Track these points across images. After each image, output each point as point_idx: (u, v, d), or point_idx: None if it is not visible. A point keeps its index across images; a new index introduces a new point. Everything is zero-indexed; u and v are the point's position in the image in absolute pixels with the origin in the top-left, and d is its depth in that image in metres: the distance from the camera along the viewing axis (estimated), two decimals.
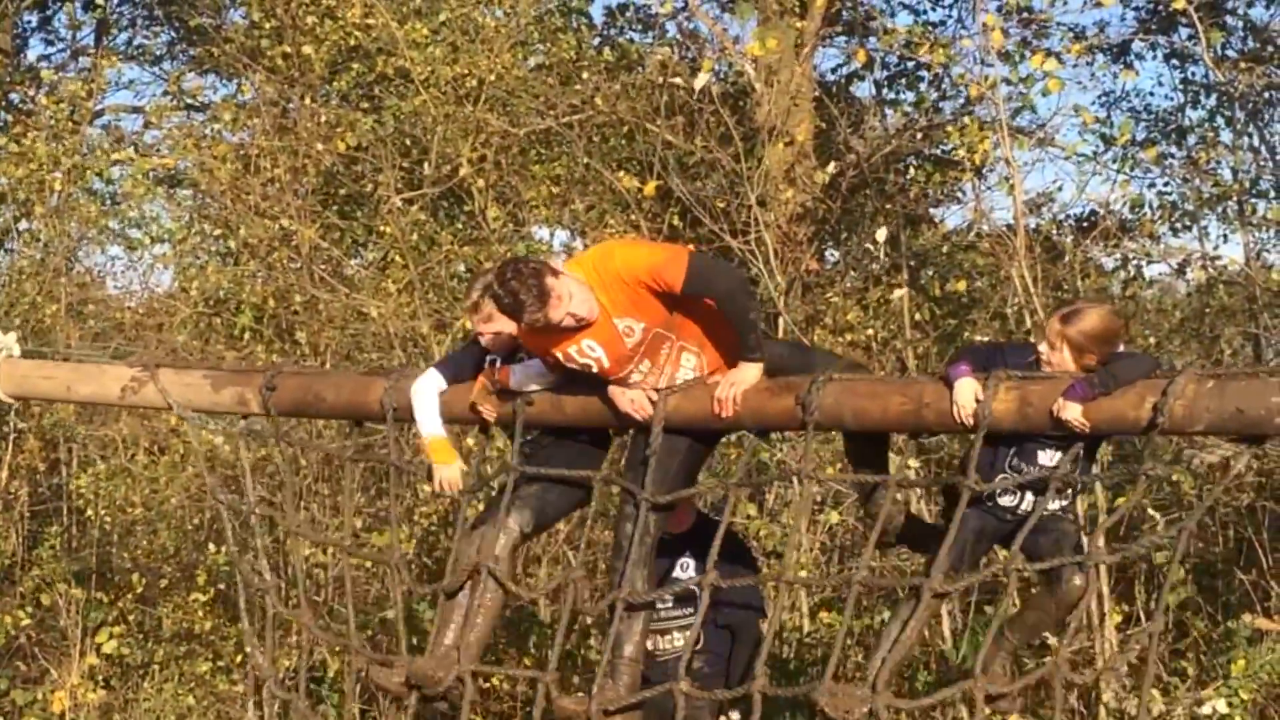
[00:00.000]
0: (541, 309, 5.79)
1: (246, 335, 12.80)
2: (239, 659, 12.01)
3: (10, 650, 12.55)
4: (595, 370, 6.10)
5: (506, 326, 6.28)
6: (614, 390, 6.13)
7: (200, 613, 12.27)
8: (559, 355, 6.11)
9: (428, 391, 6.55)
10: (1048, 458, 5.63)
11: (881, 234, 11.03)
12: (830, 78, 15.26)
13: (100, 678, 12.31)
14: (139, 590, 12.81)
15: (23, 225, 16.05)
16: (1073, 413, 5.26)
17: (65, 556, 13.36)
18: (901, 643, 5.79)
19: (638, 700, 6.25)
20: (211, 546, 12.78)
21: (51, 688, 12.00)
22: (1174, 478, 9.66)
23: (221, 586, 12.53)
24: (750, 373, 5.94)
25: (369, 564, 11.96)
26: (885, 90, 14.96)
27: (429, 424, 6.51)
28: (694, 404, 6.03)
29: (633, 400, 6.10)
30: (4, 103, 18.10)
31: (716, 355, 6.07)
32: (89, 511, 13.81)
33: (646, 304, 5.95)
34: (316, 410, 6.92)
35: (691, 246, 6.09)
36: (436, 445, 6.54)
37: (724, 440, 7.80)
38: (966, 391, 5.47)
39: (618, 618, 6.22)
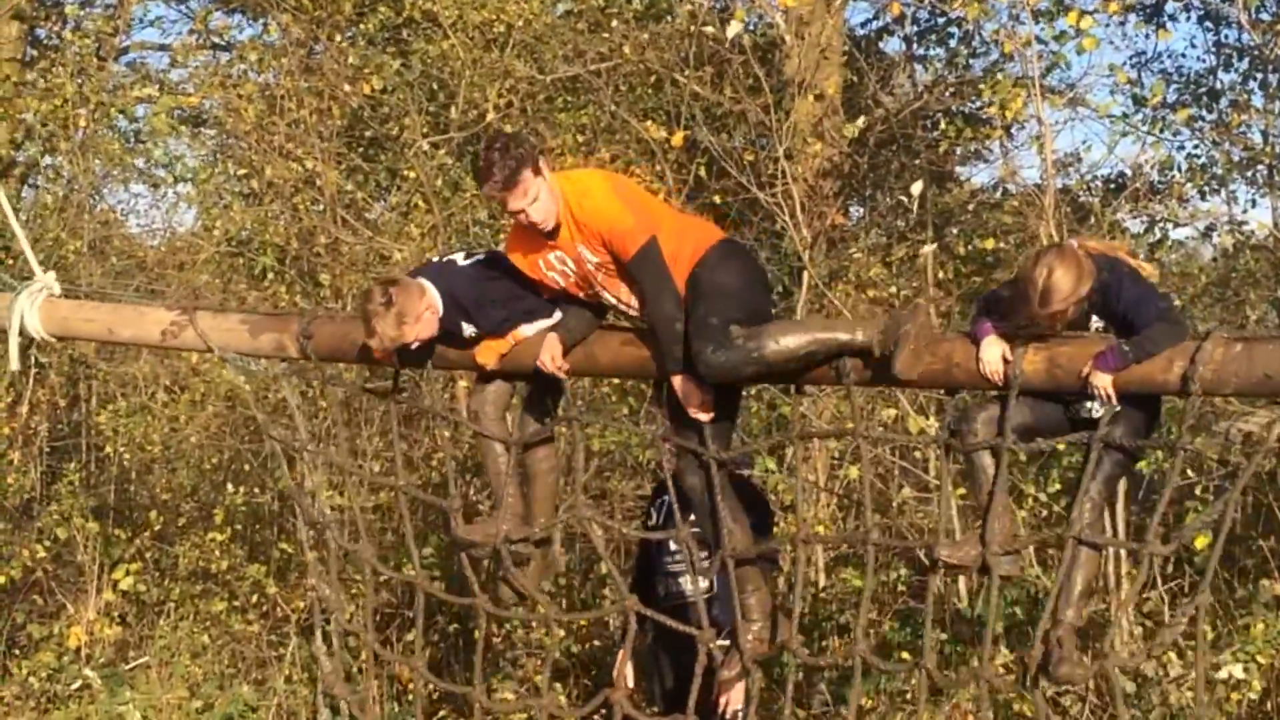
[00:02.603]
0: (502, 192, 6.02)
1: (269, 276, 12.78)
2: (255, 599, 12.05)
3: (27, 584, 12.60)
4: (563, 285, 6.29)
5: (417, 331, 6.47)
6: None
7: (217, 552, 12.30)
8: (540, 265, 6.29)
9: None
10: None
11: (916, 188, 10.95)
12: (860, 32, 15.15)
13: (116, 614, 12.37)
14: (156, 528, 12.84)
15: (46, 161, 16.04)
16: (1101, 381, 5.27)
17: (83, 493, 13.39)
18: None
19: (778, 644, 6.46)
20: (230, 486, 12.81)
21: (68, 623, 12.07)
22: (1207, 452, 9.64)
23: (239, 527, 12.57)
24: (680, 386, 6.09)
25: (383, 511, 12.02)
26: (915, 46, 14.86)
27: None
28: None
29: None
30: (30, 38, 18.04)
31: None
32: (108, 448, 13.84)
33: (602, 251, 6.11)
34: (353, 356, 6.97)
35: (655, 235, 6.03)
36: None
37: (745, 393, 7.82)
38: (994, 352, 5.47)
39: (731, 573, 6.33)
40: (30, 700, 11.46)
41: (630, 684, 7.69)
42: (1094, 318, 5.47)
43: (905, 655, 10.02)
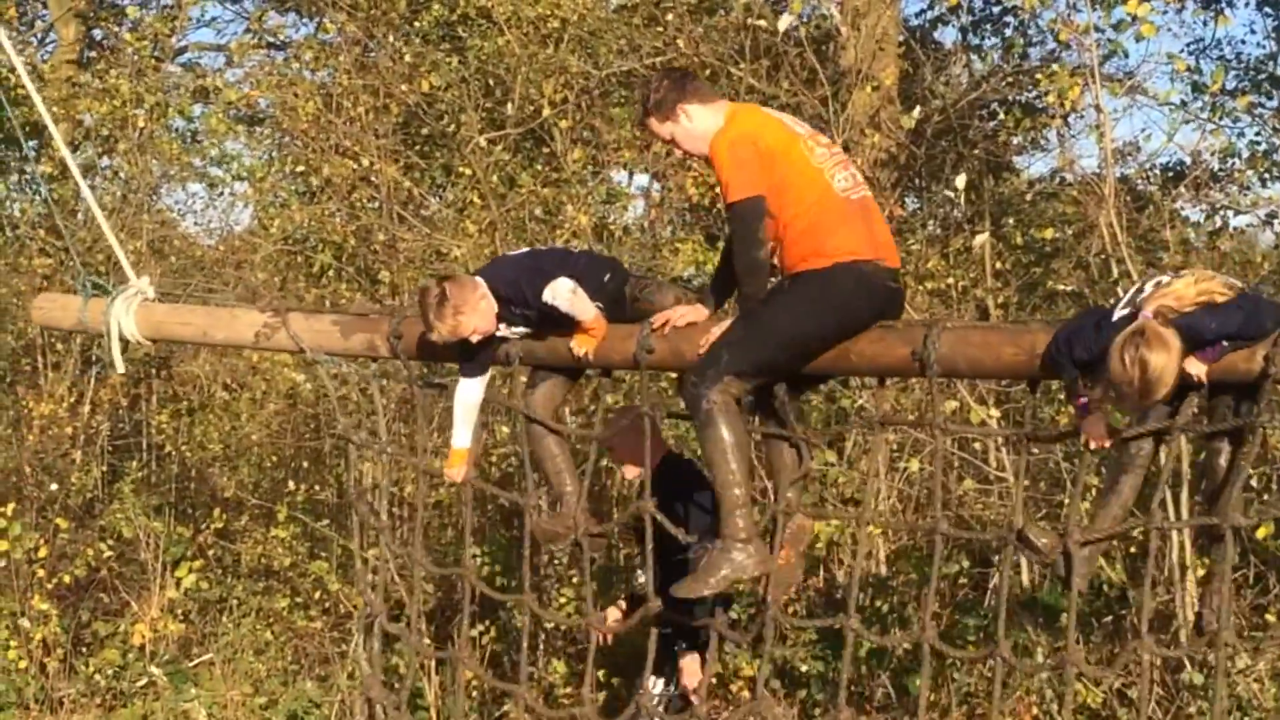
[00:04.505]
0: (642, 122, 6.34)
1: (328, 274, 12.85)
2: (317, 595, 12.11)
3: (92, 582, 12.71)
4: None
5: (474, 322, 6.58)
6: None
7: (279, 549, 12.37)
8: None
9: (470, 406, 6.98)
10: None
11: (961, 181, 10.89)
12: (915, 22, 15.09)
13: (179, 611, 12.45)
14: (219, 526, 12.93)
15: (104, 162, 16.16)
16: (1197, 369, 5.13)
17: (145, 491, 13.49)
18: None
19: None
20: (291, 483, 12.87)
21: (132, 620, 12.15)
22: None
23: (303, 520, 12.62)
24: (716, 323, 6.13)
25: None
26: (970, 35, 14.78)
27: (460, 438, 7.01)
28: None
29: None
30: (88, 39, 18.18)
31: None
32: (168, 447, 13.94)
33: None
34: (443, 355, 7.07)
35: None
36: (460, 454, 7.03)
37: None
38: (1098, 429, 5.44)
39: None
40: (96, 697, 11.57)
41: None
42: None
43: (970, 648, 10.00)
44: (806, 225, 5.94)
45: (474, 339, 6.64)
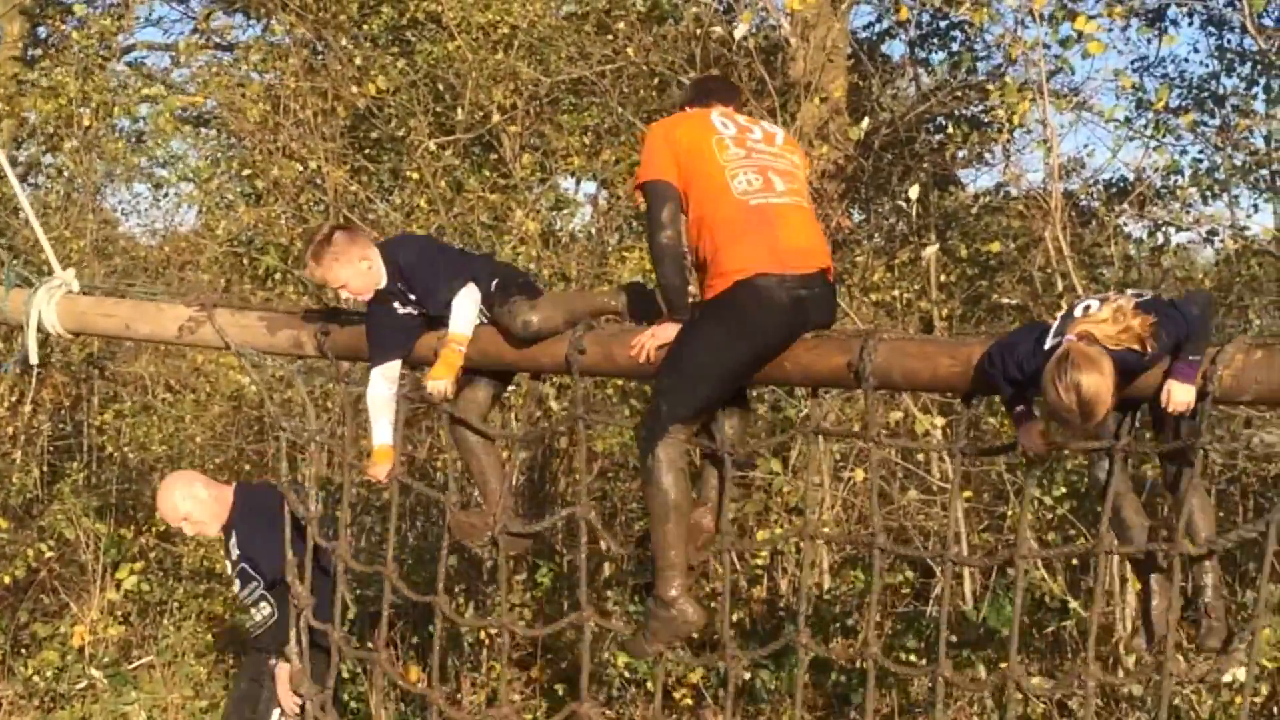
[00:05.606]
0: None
1: (276, 276, 12.79)
2: None
3: (31, 583, 12.61)
4: None
5: (345, 275, 6.60)
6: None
7: (221, 552, 12.30)
8: None
9: (383, 401, 6.88)
10: None
11: (914, 191, 10.97)
12: (863, 34, 15.16)
13: (120, 613, 12.37)
14: (161, 528, 12.84)
15: (48, 160, 16.04)
16: (1188, 396, 5.07)
17: (86, 492, 13.40)
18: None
19: None
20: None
21: (72, 622, 12.06)
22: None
23: None
24: (671, 332, 6.03)
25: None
26: (917, 49, 14.86)
27: (381, 434, 6.91)
28: None
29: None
30: (33, 36, 18.05)
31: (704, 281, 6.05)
32: (110, 448, 13.84)
33: None
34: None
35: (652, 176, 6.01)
36: (383, 451, 6.95)
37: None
38: (1033, 441, 5.44)
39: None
40: (34, 699, 11.47)
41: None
42: None
43: (911, 658, 10.07)
44: (705, 233, 5.89)
45: (343, 294, 6.69)
